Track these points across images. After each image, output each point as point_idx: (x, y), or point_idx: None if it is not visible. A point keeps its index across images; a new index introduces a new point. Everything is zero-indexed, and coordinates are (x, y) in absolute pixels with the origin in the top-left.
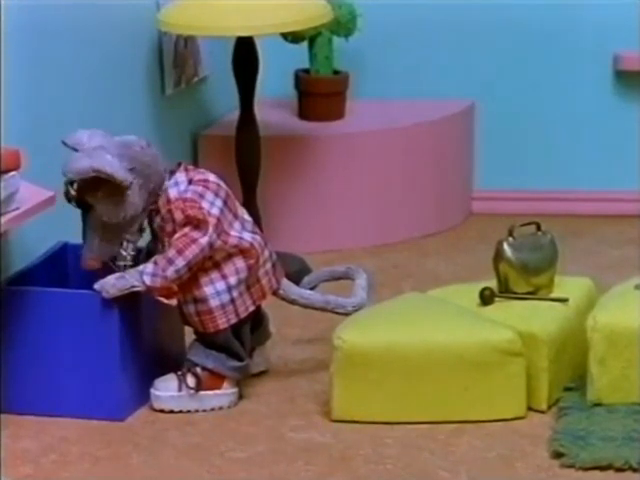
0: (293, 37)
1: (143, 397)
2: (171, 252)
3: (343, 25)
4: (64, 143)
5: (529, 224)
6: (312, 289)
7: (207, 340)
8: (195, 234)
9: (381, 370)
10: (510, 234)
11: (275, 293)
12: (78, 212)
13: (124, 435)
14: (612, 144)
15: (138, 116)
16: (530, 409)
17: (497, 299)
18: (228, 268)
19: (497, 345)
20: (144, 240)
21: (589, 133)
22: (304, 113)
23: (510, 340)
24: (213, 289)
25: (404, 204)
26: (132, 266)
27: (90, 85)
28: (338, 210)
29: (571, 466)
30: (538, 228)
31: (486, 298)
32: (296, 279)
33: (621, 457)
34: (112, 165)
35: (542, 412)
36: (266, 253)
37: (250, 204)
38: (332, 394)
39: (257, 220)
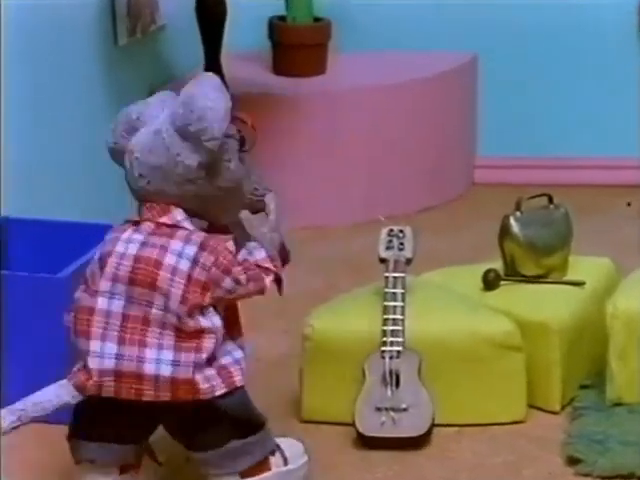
0: None
1: None
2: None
3: None
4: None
5: (539, 196)
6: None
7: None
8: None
9: (359, 364)
10: (518, 208)
11: None
12: (22, 181)
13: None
14: (632, 106)
15: (89, 69)
16: (540, 410)
17: (502, 283)
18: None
19: (492, 338)
20: None
21: (607, 94)
22: (279, 67)
23: (507, 332)
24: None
25: (395, 174)
26: None
27: (36, 36)
28: (319, 181)
29: (588, 474)
30: (550, 201)
31: (490, 282)
32: None
33: None
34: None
35: (554, 413)
36: None
37: None
38: (302, 391)
39: None
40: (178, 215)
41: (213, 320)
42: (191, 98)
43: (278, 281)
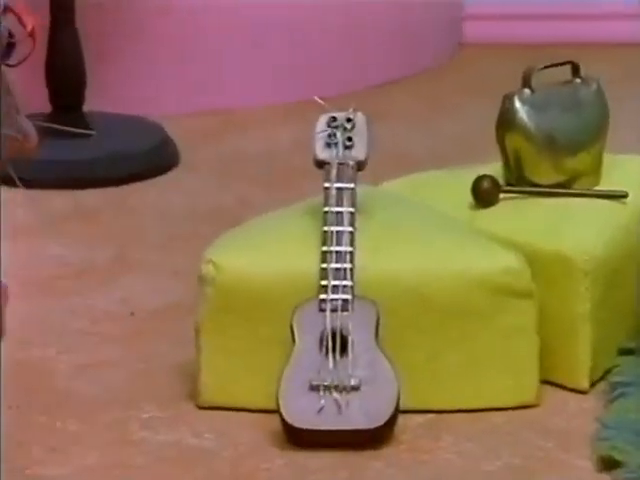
0: None
1: None
2: None
3: None
4: None
5: (559, 65)
6: None
7: None
8: None
9: (285, 320)
10: (526, 83)
11: None
12: None
13: None
14: None
15: None
16: (560, 387)
17: (503, 196)
18: None
19: (487, 279)
20: None
21: None
22: None
23: (510, 271)
24: None
25: (340, 31)
26: None
27: None
28: (224, 46)
29: None
30: (575, 71)
31: (484, 194)
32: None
33: None
34: None
35: (581, 393)
36: None
37: None
38: (200, 362)
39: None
40: None
41: None
42: None
43: None
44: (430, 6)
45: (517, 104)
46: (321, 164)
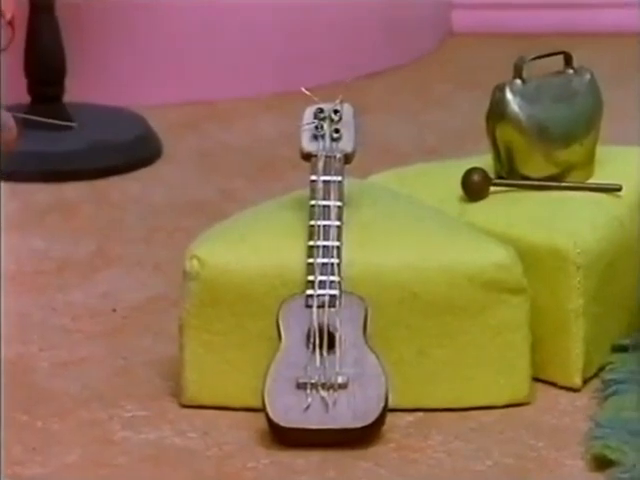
0: None
1: None
2: None
3: None
4: None
5: (552, 55)
6: None
7: None
8: None
9: (271, 316)
10: (518, 73)
11: None
12: None
13: None
14: None
15: None
16: (552, 385)
17: (494, 189)
18: None
19: (478, 274)
20: None
21: None
22: None
23: (501, 266)
24: None
25: (335, 22)
26: None
27: None
28: (201, 34)
29: None
30: (567, 62)
31: (474, 187)
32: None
33: None
34: None
35: (574, 390)
36: None
37: None
38: (183, 359)
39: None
40: None
41: None
42: None
43: None
44: None
45: (508, 95)
46: (308, 156)
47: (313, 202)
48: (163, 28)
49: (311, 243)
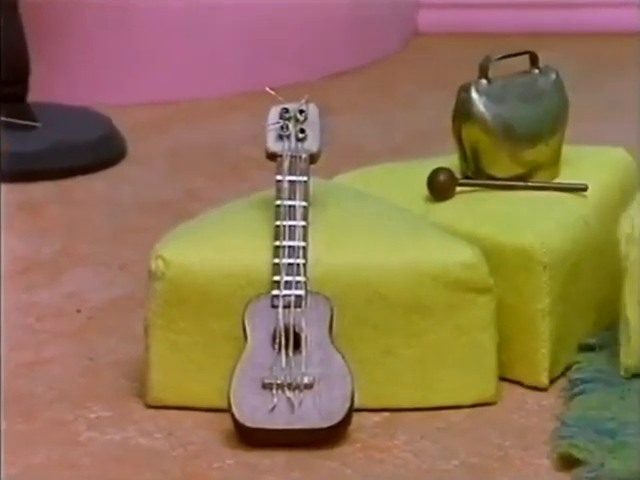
0: None
1: None
2: None
3: None
4: None
5: (517, 55)
6: None
7: None
8: None
9: (237, 316)
10: (483, 73)
11: None
12: None
13: None
14: None
15: None
16: (519, 385)
17: (460, 189)
18: None
19: (444, 274)
20: None
21: None
22: None
23: (467, 265)
24: None
25: (300, 21)
26: None
27: None
28: (168, 33)
29: None
30: (533, 62)
31: (440, 187)
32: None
33: None
34: None
35: (541, 390)
36: None
37: None
38: (148, 359)
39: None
40: None
41: None
42: None
43: None
44: None
45: (474, 95)
46: (273, 156)
47: (279, 202)
48: (128, 28)
49: (277, 243)
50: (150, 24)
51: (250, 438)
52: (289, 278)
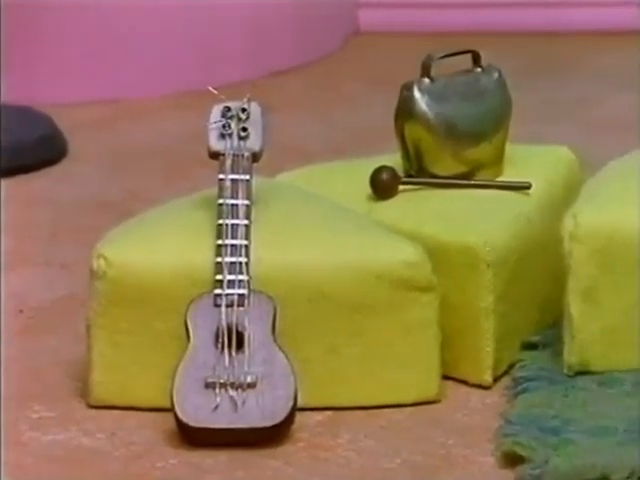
0: None
1: None
2: None
3: None
4: None
5: (459, 54)
6: None
7: None
8: None
9: (179, 315)
10: (426, 72)
11: None
12: None
13: None
14: None
15: None
16: (462, 383)
17: (402, 187)
18: None
19: (387, 272)
20: None
21: None
22: None
23: (410, 264)
24: None
25: (241, 19)
26: None
27: None
28: (112, 31)
29: (536, 479)
30: (475, 61)
31: (383, 186)
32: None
33: (622, 463)
34: None
35: (484, 388)
36: None
37: None
38: (90, 359)
39: None
40: None
41: None
42: None
43: None
44: None
45: (416, 93)
46: (215, 155)
47: (221, 201)
48: (71, 27)
49: (219, 242)
50: (92, 24)
51: (193, 437)
52: (232, 277)
